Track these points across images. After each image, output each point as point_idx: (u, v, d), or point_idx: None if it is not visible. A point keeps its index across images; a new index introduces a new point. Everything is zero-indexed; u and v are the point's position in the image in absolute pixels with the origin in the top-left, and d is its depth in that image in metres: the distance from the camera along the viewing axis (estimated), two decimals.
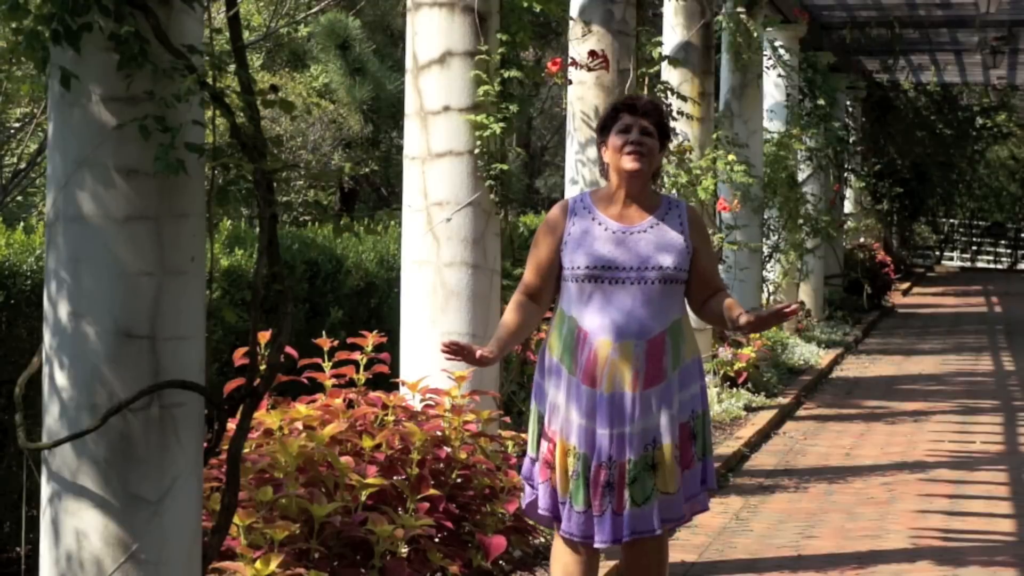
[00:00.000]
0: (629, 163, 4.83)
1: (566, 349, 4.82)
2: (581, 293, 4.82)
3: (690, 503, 4.92)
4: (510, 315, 4.95)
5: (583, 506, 4.77)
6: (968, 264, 38.30)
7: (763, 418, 11.14)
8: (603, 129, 4.94)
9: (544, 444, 4.87)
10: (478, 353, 4.81)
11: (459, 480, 5.81)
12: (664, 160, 10.49)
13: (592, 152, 8.73)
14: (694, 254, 4.87)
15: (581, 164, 9.15)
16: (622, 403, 4.74)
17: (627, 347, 4.74)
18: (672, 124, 10.68)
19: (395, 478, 5.54)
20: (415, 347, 6.93)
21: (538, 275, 4.93)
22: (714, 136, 12.48)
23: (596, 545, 4.79)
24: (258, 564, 4.71)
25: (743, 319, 4.78)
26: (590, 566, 4.88)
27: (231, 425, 4.30)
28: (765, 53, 15.20)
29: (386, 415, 5.91)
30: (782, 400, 12.18)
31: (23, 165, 9.13)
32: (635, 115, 4.88)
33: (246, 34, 9.51)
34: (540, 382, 4.92)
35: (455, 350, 4.79)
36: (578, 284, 4.82)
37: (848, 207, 23.53)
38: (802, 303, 11.70)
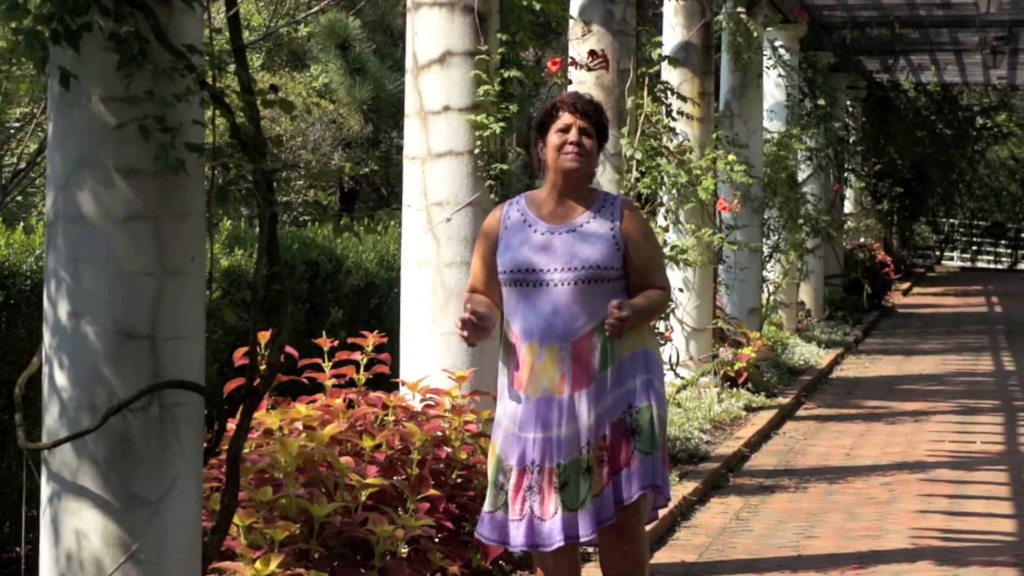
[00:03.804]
0: (568, 163, 4.82)
1: (504, 354, 4.85)
2: (510, 297, 4.83)
3: (651, 496, 4.85)
4: (480, 298, 4.90)
5: (491, 507, 4.78)
6: (968, 264, 38.30)
7: (763, 418, 11.14)
8: (541, 126, 4.91)
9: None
10: (481, 311, 4.76)
11: (459, 480, 5.81)
12: (663, 160, 10.53)
13: None
14: (626, 249, 4.79)
15: None
16: (550, 407, 4.71)
17: (552, 350, 4.71)
18: (672, 124, 10.68)
19: (395, 478, 5.54)
20: (415, 347, 6.93)
21: (479, 280, 4.94)
22: (714, 136, 12.48)
23: (511, 549, 4.79)
24: (258, 564, 4.71)
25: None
26: (567, 566, 4.86)
27: (231, 425, 4.30)
28: (765, 53, 15.19)
29: (386, 415, 5.91)
30: (782, 400, 12.17)
31: (23, 165, 9.12)
32: (575, 114, 4.86)
33: (246, 34, 9.51)
34: None
35: (471, 326, 4.71)
36: (508, 288, 4.83)
37: (848, 207, 23.53)
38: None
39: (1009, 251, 39.52)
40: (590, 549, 5.98)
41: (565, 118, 4.85)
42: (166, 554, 3.98)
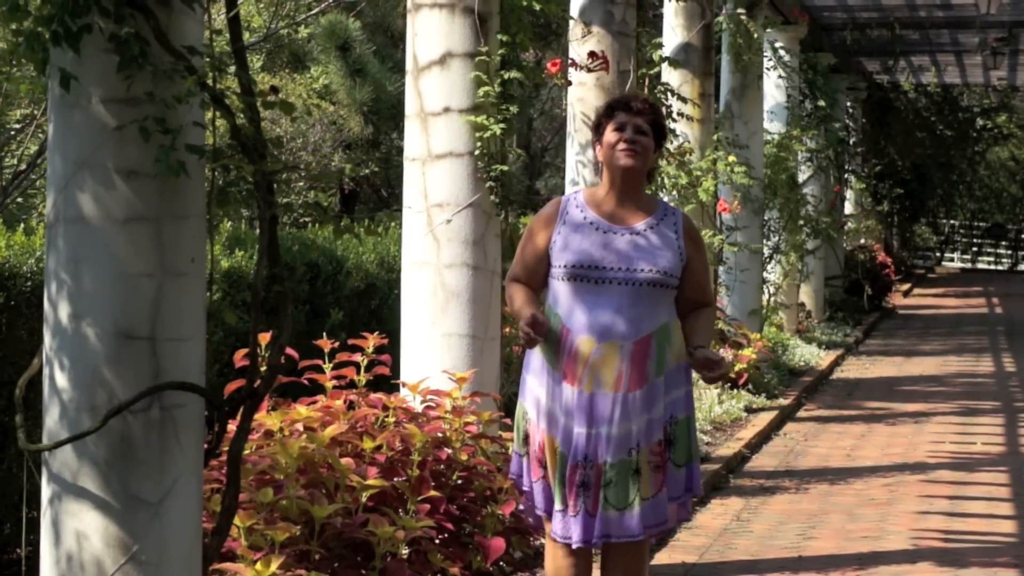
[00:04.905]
0: (623, 160, 4.80)
1: (550, 346, 4.78)
2: (567, 291, 4.79)
3: (675, 509, 4.89)
4: (525, 290, 4.90)
5: (561, 505, 4.75)
6: (969, 265, 38.31)
7: (764, 419, 11.13)
8: (597, 127, 4.92)
9: (534, 441, 4.85)
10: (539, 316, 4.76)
11: (460, 482, 5.81)
12: (664, 162, 10.55)
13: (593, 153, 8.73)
14: (687, 264, 4.84)
15: (581, 165, 9.16)
16: (601, 404, 4.70)
17: (612, 348, 4.71)
18: (672, 125, 10.68)
19: (396, 480, 5.54)
20: (416, 348, 6.93)
21: (527, 271, 4.90)
22: (714, 137, 12.48)
23: (573, 546, 4.77)
24: (259, 565, 4.71)
25: (696, 354, 4.81)
26: (582, 567, 4.86)
27: (231, 426, 4.30)
28: (765, 54, 15.20)
29: (387, 416, 5.91)
30: (783, 401, 12.17)
31: (23, 166, 9.13)
32: (630, 113, 4.85)
33: (246, 35, 9.51)
34: (526, 377, 4.89)
35: (539, 328, 4.71)
36: (565, 282, 4.79)
37: (848, 208, 23.54)
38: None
39: (1009, 252, 39.53)
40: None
41: (620, 117, 4.86)
42: (167, 555, 3.98)
